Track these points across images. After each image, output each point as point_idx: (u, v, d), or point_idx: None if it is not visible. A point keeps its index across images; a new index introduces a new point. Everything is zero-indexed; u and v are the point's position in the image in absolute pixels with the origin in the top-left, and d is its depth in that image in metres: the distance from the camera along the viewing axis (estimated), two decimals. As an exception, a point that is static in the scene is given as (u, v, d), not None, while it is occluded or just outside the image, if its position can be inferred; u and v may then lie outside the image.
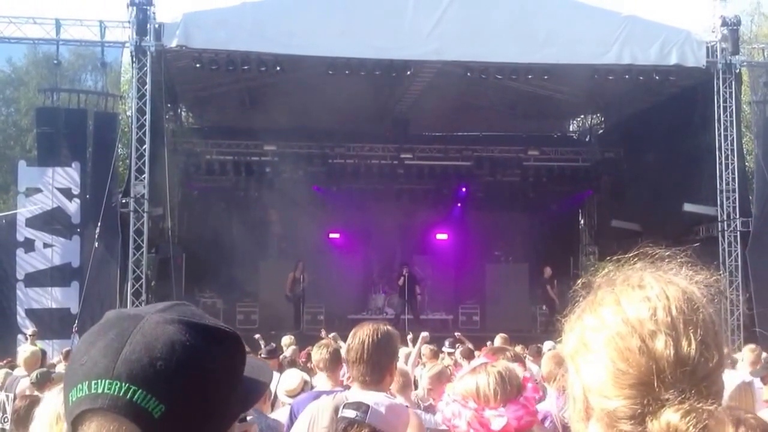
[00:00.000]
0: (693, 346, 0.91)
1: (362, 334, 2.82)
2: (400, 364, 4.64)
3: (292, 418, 3.40)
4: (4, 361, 9.14)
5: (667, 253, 1.01)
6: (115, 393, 0.84)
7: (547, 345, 8.43)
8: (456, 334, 10.59)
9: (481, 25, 13.04)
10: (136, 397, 0.84)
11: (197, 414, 0.87)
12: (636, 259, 1.02)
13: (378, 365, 2.77)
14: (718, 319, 0.97)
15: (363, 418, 2.36)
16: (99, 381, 0.85)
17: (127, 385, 0.84)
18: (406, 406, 3.05)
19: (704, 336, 0.92)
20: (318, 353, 4.24)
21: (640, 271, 1.00)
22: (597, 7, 14.21)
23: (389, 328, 2.93)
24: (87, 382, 0.86)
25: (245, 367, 0.95)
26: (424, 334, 7.40)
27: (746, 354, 6.07)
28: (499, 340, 8.50)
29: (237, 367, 0.93)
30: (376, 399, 2.58)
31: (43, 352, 8.82)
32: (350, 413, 2.42)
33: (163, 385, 0.85)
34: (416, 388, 4.94)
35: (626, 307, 0.95)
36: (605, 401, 0.93)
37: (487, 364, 2.01)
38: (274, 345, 8.54)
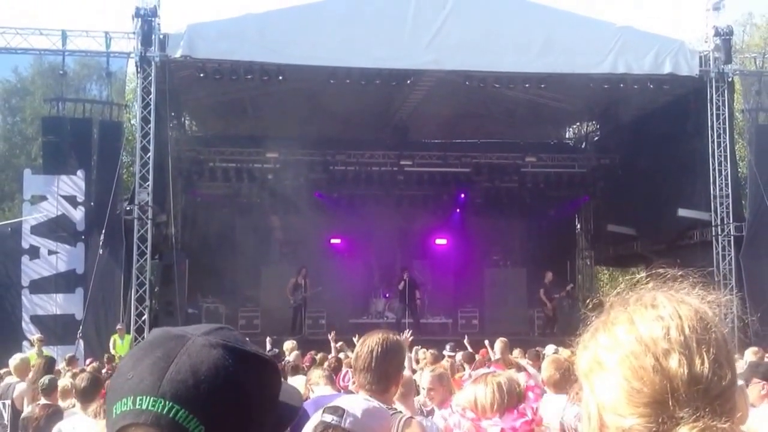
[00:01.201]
0: (706, 364, 0.91)
1: (371, 342, 2.80)
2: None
3: (296, 424, 3.54)
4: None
5: (679, 274, 1.02)
6: (159, 410, 0.86)
7: (549, 349, 8.56)
8: (465, 336, 10.71)
9: (479, 36, 13.27)
10: (179, 416, 0.86)
11: None
12: (648, 279, 1.03)
13: (384, 375, 2.76)
14: (730, 338, 0.98)
15: (338, 421, 2.39)
16: (144, 397, 0.87)
17: (171, 403, 0.86)
18: (411, 417, 2.98)
19: (717, 355, 0.93)
20: (317, 373, 4.42)
21: (653, 290, 1.00)
22: (592, 18, 14.51)
23: (398, 338, 2.94)
24: (132, 397, 0.88)
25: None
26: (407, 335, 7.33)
27: (749, 357, 6.19)
28: (499, 344, 8.61)
29: (273, 392, 0.96)
30: (353, 402, 2.59)
31: (52, 360, 8.94)
32: (327, 417, 2.46)
33: (206, 407, 0.87)
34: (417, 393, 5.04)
35: (640, 326, 0.95)
36: (620, 419, 0.93)
37: (488, 375, 2.05)
38: (277, 350, 8.67)
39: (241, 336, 0.97)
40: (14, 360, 7.09)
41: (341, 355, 8.33)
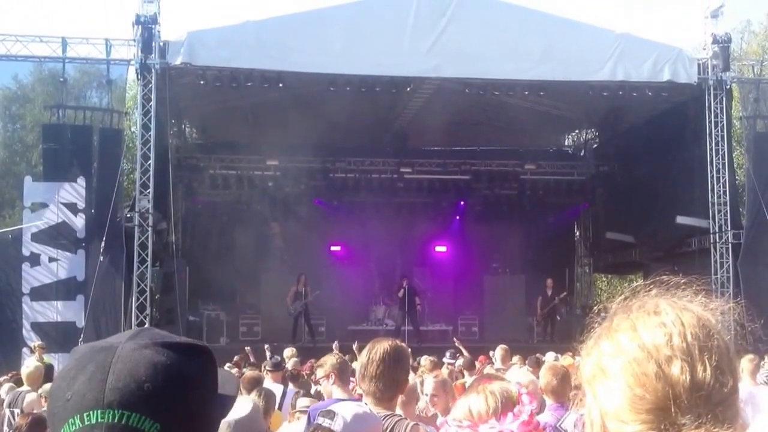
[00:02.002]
0: (708, 371, 0.92)
1: (381, 350, 2.82)
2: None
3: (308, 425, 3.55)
4: (10, 375, 9.17)
5: (682, 281, 1.02)
6: (110, 420, 0.86)
7: (550, 356, 8.57)
8: (454, 339, 10.76)
9: (478, 43, 13.33)
10: (131, 420, 0.87)
11: (189, 425, 0.91)
12: (651, 286, 1.03)
13: (394, 381, 2.79)
14: (732, 345, 0.98)
15: (329, 424, 2.48)
16: (91, 412, 0.86)
17: (120, 411, 0.86)
18: (417, 424, 3.05)
19: (719, 361, 0.93)
20: (331, 360, 4.42)
21: (656, 297, 1.01)
22: (591, 25, 14.57)
23: (403, 345, 2.98)
24: (79, 416, 0.87)
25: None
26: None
27: (745, 364, 6.19)
28: (499, 351, 8.65)
29: (213, 377, 0.97)
30: (347, 407, 2.64)
31: (51, 367, 8.94)
32: (320, 419, 2.56)
33: (154, 405, 0.88)
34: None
35: (642, 333, 0.96)
36: (622, 426, 0.93)
37: (479, 385, 2.06)
38: (279, 358, 8.66)
39: (167, 332, 0.98)
40: (27, 368, 7.08)
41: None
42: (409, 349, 9.25)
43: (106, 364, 0.89)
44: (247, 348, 10.36)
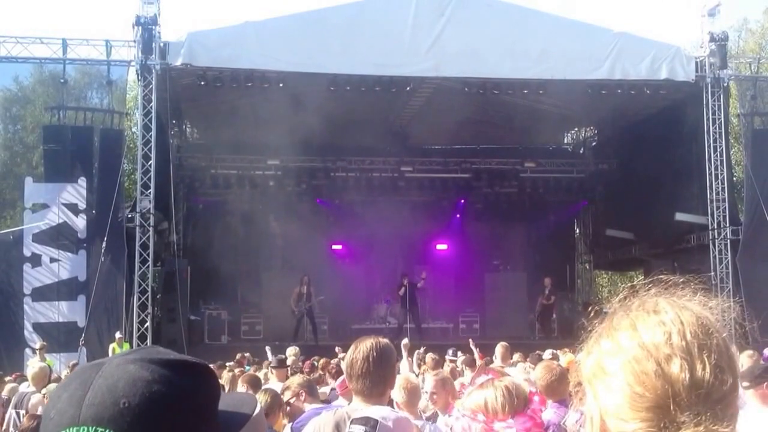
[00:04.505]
0: (707, 369, 0.92)
1: (365, 348, 2.83)
2: (409, 375, 4.79)
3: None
4: (13, 376, 9.20)
5: (680, 280, 1.03)
6: None
7: (548, 354, 8.62)
8: (470, 340, 10.80)
9: (477, 43, 13.39)
10: None
11: None
12: (650, 285, 1.04)
13: (382, 379, 2.81)
14: (732, 344, 0.98)
15: None
16: (68, 429, 0.85)
17: (94, 428, 0.84)
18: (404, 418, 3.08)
19: (718, 360, 0.93)
20: (296, 380, 4.50)
21: (655, 296, 1.01)
22: (589, 24, 14.62)
23: (388, 341, 2.98)
24: None
25: (226, 398, 0.96)
26: (405, 341, 7.64)
27: (744, 360, 6.24)
28: (500, 348, 8.69)
29: (208, 396, 0.92)
30: (383, 413, 2.62)
31: (50, 368, 8.94)
32: (359, 429, 2.48)
33: (130, 422, 0.85)
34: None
35: (642, 331, 0.96)
36: (622, 424, 0.94)
37: (494, 380, 2.10)
38: (283, 356, 8.72)
39: (166, 349, 0.95)
40: (33, 369, 7.09)
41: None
42: (422, 346, 9.25)
43: (89, 380, 0.88)
44: (267, 348, 10.35)
